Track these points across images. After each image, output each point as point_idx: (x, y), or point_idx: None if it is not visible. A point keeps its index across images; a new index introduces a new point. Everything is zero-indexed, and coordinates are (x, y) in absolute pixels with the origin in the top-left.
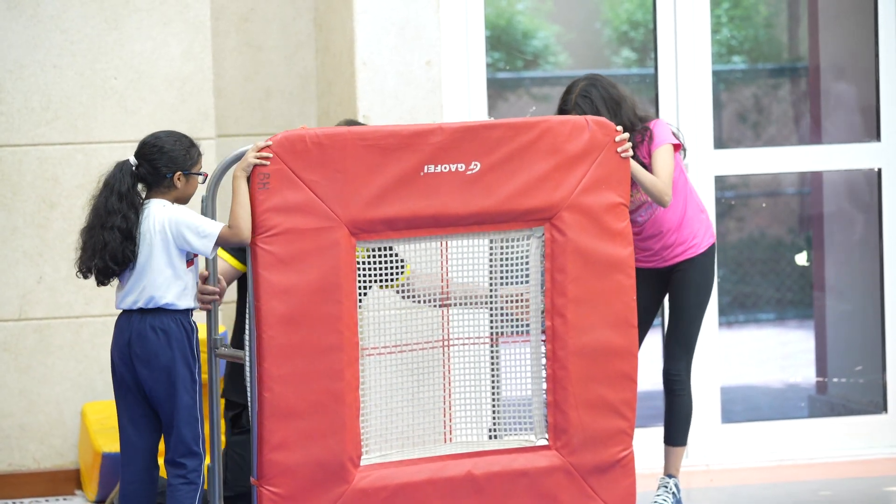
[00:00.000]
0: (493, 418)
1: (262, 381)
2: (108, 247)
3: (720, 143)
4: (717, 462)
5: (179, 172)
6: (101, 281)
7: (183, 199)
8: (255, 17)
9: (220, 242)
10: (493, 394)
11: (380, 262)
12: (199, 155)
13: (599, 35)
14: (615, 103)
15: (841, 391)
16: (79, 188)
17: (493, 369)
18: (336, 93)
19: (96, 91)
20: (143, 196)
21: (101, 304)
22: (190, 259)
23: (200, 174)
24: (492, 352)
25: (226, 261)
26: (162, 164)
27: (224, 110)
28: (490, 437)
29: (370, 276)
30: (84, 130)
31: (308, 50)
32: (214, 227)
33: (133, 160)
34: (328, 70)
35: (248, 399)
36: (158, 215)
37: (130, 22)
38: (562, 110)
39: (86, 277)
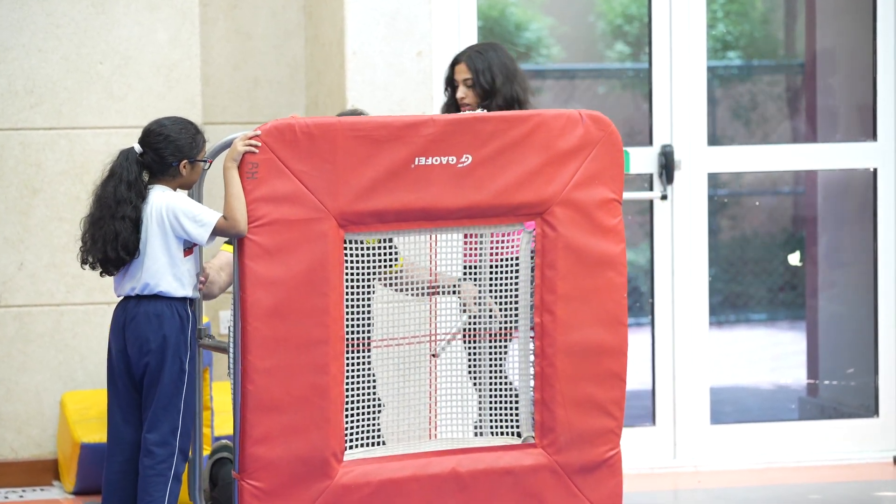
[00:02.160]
0: (479, 415)
1: (246, 373)
2: (121, 237)
3: (714, 139)
4: (706, 463)
5: (185, 160)
6: (110, 271)
7: (187, 186)
8: (244, 4)
9: (217, 233)
10: (480, 390)
11: (378, 251)
12: (204, 141)
13: (593, 28)
14: (510, 72)
15: (832, 394)
16: (62, 174)
17: (480, 365)
18: (325, 83)
19: (82, 76)
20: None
21: (83, 292)
22: (188, 248)
23: (205, 161)
24: (480, 347)
25: (230, 253)
26: (168, 152)
27: (211, 98)
28: (476, 434)
29: (365, 263)
30: (69, 116)
31: (297, 39)
32: (212, 217)
33: (138, 148)
34: (317, 60)
35: (231, 391)
36: (157, 202)
37: (117, 6)
38: (455, 60)
39: (93, 268)
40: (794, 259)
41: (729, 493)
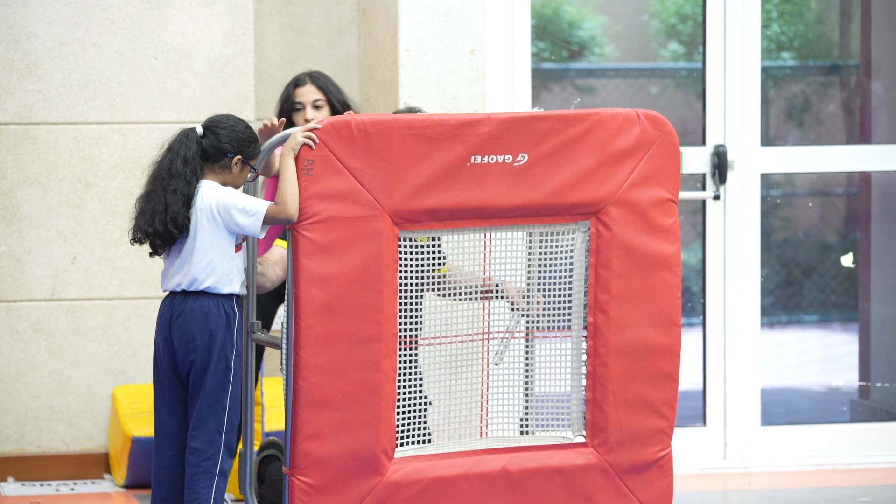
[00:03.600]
0: (531, 414)
1: (298, 369)
2: (170, 209)
3: (767, 140)
4: (756, 464)
5: (240, 157)
6: (157, 248)
7: (231, 186)
8: (298, 0)
9: (268, 220)
10: (532, 389)
11: (426, 251)
12: (259, 151)
13: (647, 27)
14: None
15: (884, 396)
16: (115, 169)
17: (532, 364)
18: (378, 79)
19: (136, 71)
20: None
21: (135, 286)
22: (238, 244)
23: (254, 169)
24: (532, 347)
25: (285, 248)
26: (227, 140)
27: (264, 94)
28: (526, 433)
29: (415, 264)
30: (122, 110)
31: (350, 35)
32: (261, 205)
33: (200, 130)
34: (370, 56)
35: (283, 387)
36: (206, 196)
37: (172, 2)
38: (296, 82)
39: (141, 243)
40: (847, 260)
41: (779, 495)
